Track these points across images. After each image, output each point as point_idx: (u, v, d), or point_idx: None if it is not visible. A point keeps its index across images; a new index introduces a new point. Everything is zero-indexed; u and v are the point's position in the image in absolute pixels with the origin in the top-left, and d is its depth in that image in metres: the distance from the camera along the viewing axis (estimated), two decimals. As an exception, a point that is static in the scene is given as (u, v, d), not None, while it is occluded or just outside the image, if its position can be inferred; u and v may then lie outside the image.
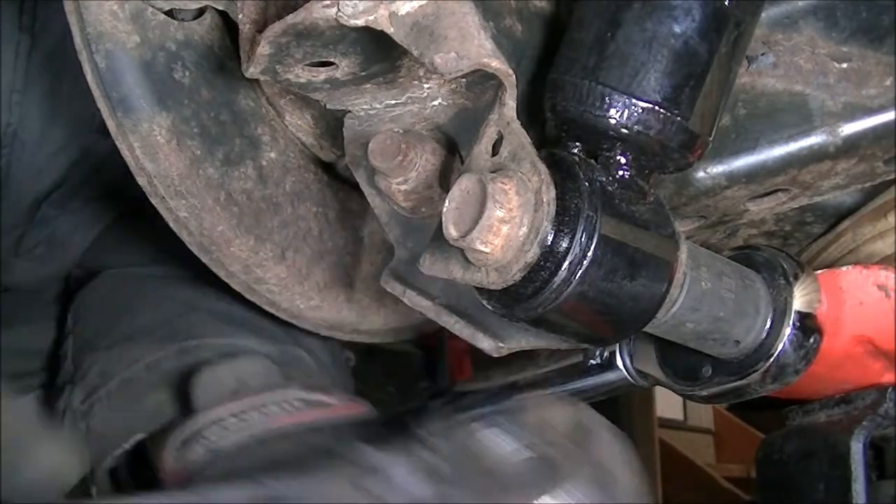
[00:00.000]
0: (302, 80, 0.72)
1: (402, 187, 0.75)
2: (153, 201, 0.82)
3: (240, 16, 0.72)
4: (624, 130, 0.67)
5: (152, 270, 1.07)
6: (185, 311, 1.01)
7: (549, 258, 0.62)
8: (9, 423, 0.69)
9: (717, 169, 0.83)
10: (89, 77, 0.77)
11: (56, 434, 0.75)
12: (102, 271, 1.10)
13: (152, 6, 0.77)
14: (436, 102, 0.75)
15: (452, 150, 0.77)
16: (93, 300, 1.08)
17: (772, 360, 0.76)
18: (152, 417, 0.92)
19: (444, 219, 0.64)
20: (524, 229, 0.62)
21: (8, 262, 1.08)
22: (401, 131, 0.75)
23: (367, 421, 0.88)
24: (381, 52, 0.70)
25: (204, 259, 0.87)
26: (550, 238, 0.62)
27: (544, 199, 0.62)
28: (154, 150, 0.79)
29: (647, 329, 0.70)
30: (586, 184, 0.64)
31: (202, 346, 0.98)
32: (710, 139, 0.71)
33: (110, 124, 0.78)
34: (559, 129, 0.71)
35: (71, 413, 0.98)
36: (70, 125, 1.00)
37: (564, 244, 0.62)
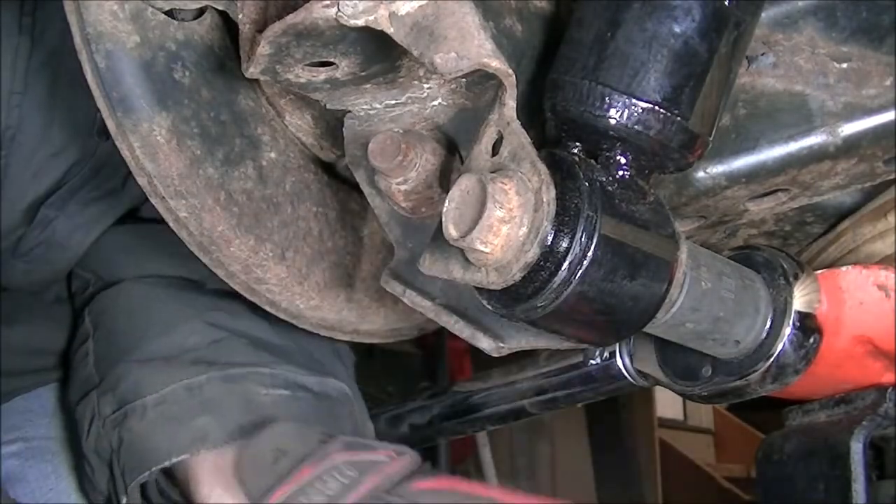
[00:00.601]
0: (302, 80, 0.72)
1: (402, 187, 0.75)
2: (153, 201, 0.82)
3: (240, 16, 0.73)
4: (624, 130, 0.67)
5: (178, 283, 1.07)
6: (224, 336, 1.01)
7: (549, 258, 0.62)
8: None
9: (717, 169, 0.83)
10: (89, 77, 0.77)
11: None
12: (119, 278, 1.09)
13: (152, 6, 0.77)
14: (436, 102, 0.75)
15: (452, 150, 0.77)
16: (117, 308, 1.07)
17: (772, 360, 0.76)
18: (196, 440, 0.92)
19: (444, 219, 0.64)
20: (524, 229, 0.62)
21: (7, 262, 1.08)
22: (401, 131, 0.75)
23: (419, 469, 0.88)
24: (381, 52, 0.70)
25: (204, 259, 0.87)
26: (550, 238, 0.62)
27: (544, 199, 0.62)
28: (154, 150, 0.79)
29: (647, 329, 0.70)
30: (586, 184, 0.64)
31: (248, 375, 0.98)
32: (710, 139, 0.71)
33: (110, 124, 0.78)
34: (559, 129, 0.71)
35: (99, 420, 0.98)
36: (70, 127, 1.00)
37: (564, 244, 0.62)
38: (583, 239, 0.62)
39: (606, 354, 0.95)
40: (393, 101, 0.76)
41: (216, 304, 1.03)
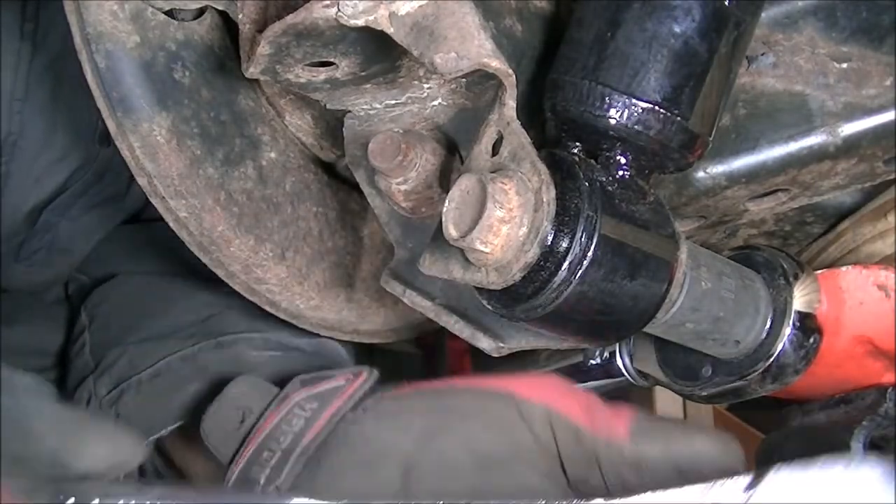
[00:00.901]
0: (302, 80, 0.72)
1: (402, 187, 0.75)
2: (153, 201, 0.82)
3: (240, 16, 0.72)
4: (624, 130, 0.67)
5: (174, 273, 1.07)
6: (218, 310, 1.02)
7: (549, 258, 0.62)
8: (41, 410, 0.67)
9: (717, 169, 0.83)
10: (89, 77, 0.77)
11: (104, 420, 0.73)
12: (115, 272, 1.10)
13: (152, 6, 0.77)
14: (436, 102, 0.75)
15: (452, 150, 0.77)
16: (113, 299, 1.08)
17: (772, 360, 0.76)
18: (191, 408, 0.92)
19: (444, 219, 0.64)
20: (524, 229, 0.62)
21: (8, 266, 1.08)
22: (401, 131, 0.75)
23: (379, 385, 0.88)
24: (381, 52, 0.70)
25: (204, 259, 0.87)
26: (550, 238, 0.62)
27: (544, 199, 0.62)
28: (154, 150, 0.79)
29: (647, 329, 0.70)
30: (586, 184, 0.64)
31: (239, 340, 0.98)
32: (710, 139, 0.71)
33: (110, 124, 0.78)
34: (559, 129, 0.71)
35: (96, 401, 0.98)
36: (72, 132, 1.00)
37: (564, 244, 0.62)
38: (583, 239, 0.62)
39: (606, 354, 0.95)
40: (393, 101, 0.76)
41: (211, 286, 1.04)
